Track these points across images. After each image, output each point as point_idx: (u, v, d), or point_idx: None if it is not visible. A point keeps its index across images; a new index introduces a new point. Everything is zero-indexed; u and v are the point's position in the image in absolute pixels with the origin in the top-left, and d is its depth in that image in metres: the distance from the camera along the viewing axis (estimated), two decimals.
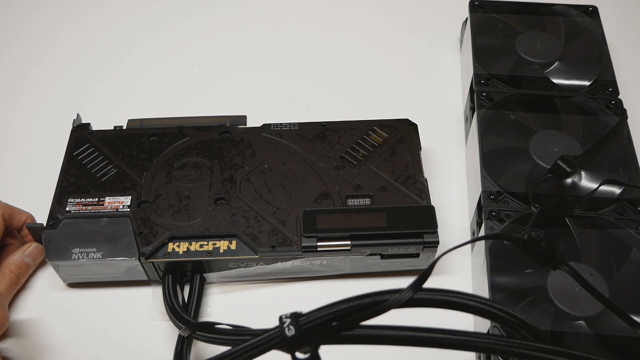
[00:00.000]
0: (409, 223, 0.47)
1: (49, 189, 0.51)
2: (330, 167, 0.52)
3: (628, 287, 0.43)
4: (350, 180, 0.51)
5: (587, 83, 0.55)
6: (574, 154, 0.49)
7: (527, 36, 0.59)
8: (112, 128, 0.55)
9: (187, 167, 0.52)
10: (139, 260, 0.47)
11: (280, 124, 0.55)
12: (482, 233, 0.48)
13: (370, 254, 0.48)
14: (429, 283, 0.33)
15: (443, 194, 0.55)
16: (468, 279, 0.51)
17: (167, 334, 0.47)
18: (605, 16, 0.61)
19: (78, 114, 0.56)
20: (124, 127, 0.55)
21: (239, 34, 0.70)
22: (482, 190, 0.49)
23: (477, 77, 0.56)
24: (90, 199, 0.50)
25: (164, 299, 0.47)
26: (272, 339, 0.33)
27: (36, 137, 0.60)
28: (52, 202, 0.50)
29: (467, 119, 0.59)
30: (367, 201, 0.50)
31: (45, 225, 0.48)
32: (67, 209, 0.49)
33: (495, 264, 0.45)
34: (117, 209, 0.49)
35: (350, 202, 0.50)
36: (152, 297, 0.49)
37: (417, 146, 0.53)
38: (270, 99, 0.64)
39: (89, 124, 0.55)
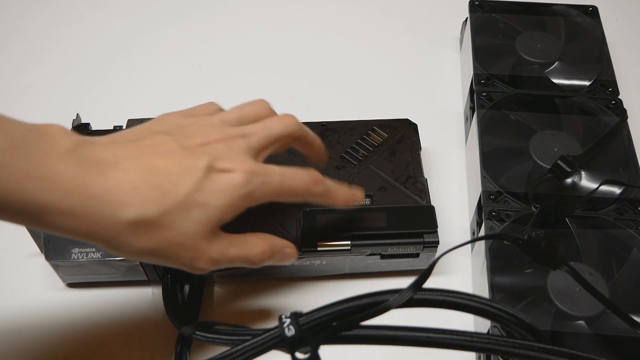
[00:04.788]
0: (409, 223, 0.47)
1: None
2: (330, 167, 0.52)
3: (628, 287, 0.43)
4: (350, 180, 0.51)
5: (587, 83, 0.55)
6: (574, 154, 0.49)
7: (527, 36, 0.59)
8: (112, 128, 0.55)
9: None
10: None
11: None
12: (482, 233, 0.48)
13: (370, 254, 0.48)
14: (429, 283, 0.33)
15: (443, 194, 0.55)
16: (468, 279, 0.51)
17: (167, 334, 0.47)
18: (605, 16, 0.61)
19: (78, 114, 0.56)
20: (124, 127, 0.55)
21: (239, 33, 0.70)
22: (482, 190, 0.49)
23: (477, 77, 0.56)
24: None
25: (163, 299, 0.47)
26: (272, 339, 0.33)
27: None
28: None
29: (467, 119, 0.59)
30: (367, 201, 0.50)
31: None
32: None
33: (495, 264, 0.45)
34: None
35: None
36: (152, 297, 0.49)
37: (417, 146, 0.53)
38: (270, 99, 0.63)
39: (88, 123, 0.55)
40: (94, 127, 0.55)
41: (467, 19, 0.63)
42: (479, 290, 0.47)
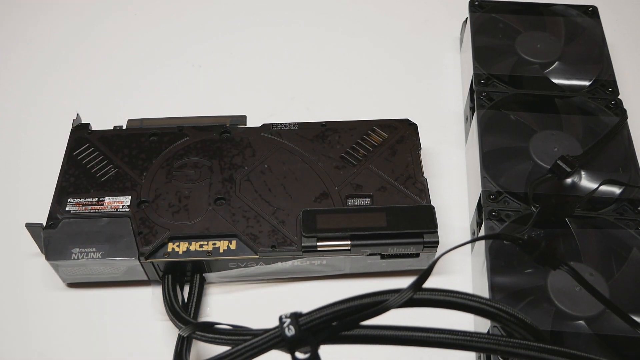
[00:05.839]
0: (409, 223, 0.47)
1: (48, 189, 0.51)
2: (330, 167, 0.52)
3: (628, 287, 0.43)
4: (350, 180, 0.51)
5: (587, 83, 0.55)
6: (574, 154, 0.49)
7: (527, 36, 0.59)
8: (112, 128, 0.55)
9: (186, 167, 0.52)
10: (139, 260, 0.47)
11: (280, 124, 0.55)
12: (482, 233, 0.48)
13: (370, 254, 0.48)
14: (429, 283, 0.33)
15: (443, 194, 0.55)
16: (468, 279, 0.51)
17: (167, 334, 0.47)
18: (605, 16, 0.61)
19: (78, 114, 0.56)
20: (124, 127, 0.55)
21: (239, 33, 0.70)
22: (482, 190, 0.49)
23: (477, 77, 0.56)
24: (90, 199, 0.50)
25: (163, 299, 0.47)
26: (272, 339, 0.33)
27: (36, 137, 0.60)
28: (52, 202, 0.50)
29: (467, 119, 0.59)
30: (367, 201, 0.50)
31: (44, 225, 0.48)
32: (67, 208, 0.49)
33: (495, 264, 0.45)
34: (116, 209, 0.49)
35: (350, 202, 0.50)
36: (152, 297, 0.49)
37: (417, 146, 0.53)
38: (270, 99, 0.64)
39: (88, 123, 0.55)
40: (94, 127, 0.55)
41: (467, 19, 0.63)
42: (479, 290, 0.47)
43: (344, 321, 0.33)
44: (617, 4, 0.70)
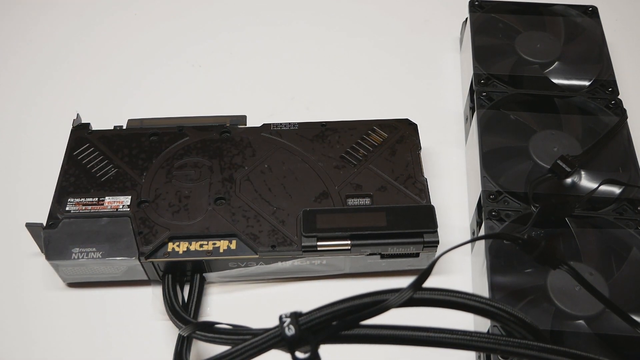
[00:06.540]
0: (409, 223, 0.47)
1: (48, 188, 0.51)
2: (330, 167, 0.52)
3: (628, 287, 0.43)
4: (350, 180, 0.51)
5: (587, 83, 0.55)
6: (573, 154, 0.49)
7: (527, 36, 0.59)
8: (112, 128, 0.55)
9: (187, 167, 0.52)
10: (139, 259, 0.47)
11: (280, 123, 0.55)
12: (482, 233, 0.48)
13: (370, 254, 0.48)
14: (429, 282, 0.33)
15: (443, 194, 0.55)
16: (468, 278, 0.51)
17: (167, 333, 0.47)
18: (605, 16, 0.61)
19: (78, 114, 0.56)
20: (124, 127, 0.55)
21: (239, 33, 0.70)
22: (482, 190, 0.49)
23: (477, 77, 0.56)
24: (90, 199, 0.50)
25: (163, 299, 0.47)
26: (272, 338, 0.33)
27: (36, 137, 0.60)
28: (52, 202, 0.50)
29: (467, 119, 0.59)
30: (367, 201, 0.50)
31: (44, 224, 0.48)
32: (67, 208, 0.49)
33: (495, 264, 0.45)
34: (117, 209, 0.49)
35: (350, 201, 0.50)
36: (152, 296, 0.49)
37: (417, 146, 0.53)
38: (270, 99, 0.64)
39: (88, 123, 0.55)
40: (94, 127, 0.55)
41: (467, 19, 0.63)
42: (479, 290, 0.47)
43: (344, 321, 0.33)
44: (617, 4, 0.70)
